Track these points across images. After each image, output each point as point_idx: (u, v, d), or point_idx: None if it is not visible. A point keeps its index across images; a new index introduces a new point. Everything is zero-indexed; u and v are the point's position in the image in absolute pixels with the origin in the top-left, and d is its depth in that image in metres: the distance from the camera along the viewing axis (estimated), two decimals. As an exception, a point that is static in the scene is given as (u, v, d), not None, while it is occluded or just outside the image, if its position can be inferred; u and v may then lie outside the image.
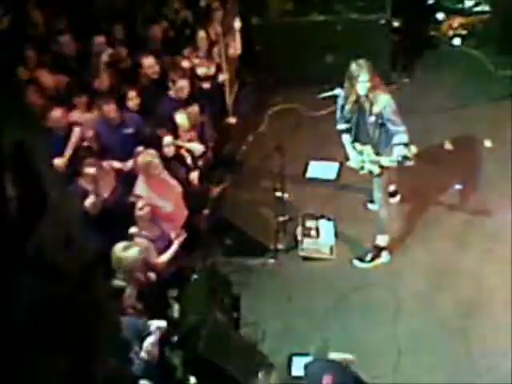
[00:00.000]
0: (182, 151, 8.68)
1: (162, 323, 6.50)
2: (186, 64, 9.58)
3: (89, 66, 9.29)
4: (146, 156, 7.90)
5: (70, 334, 2.27)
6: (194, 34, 10.18)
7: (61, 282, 2.17)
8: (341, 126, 7.91)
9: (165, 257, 7.50)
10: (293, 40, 11.13)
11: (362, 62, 7.45)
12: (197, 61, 9.83)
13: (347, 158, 7.96)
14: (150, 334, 6.30)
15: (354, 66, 7.45)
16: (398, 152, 7.34)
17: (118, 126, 8.41)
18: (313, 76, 10.60)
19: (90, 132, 8.24)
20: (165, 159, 8.13)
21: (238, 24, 10.57)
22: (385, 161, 7.50)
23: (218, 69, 10.13)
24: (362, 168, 7.79)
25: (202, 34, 10.02)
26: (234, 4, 11.24)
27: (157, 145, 8.21)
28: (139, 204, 7.41)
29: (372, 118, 7.48)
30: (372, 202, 8.37)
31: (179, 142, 8.61)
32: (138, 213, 7.38)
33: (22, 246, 2.05)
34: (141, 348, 6.17)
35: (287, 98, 10.79)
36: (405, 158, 7.27)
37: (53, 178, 2.29)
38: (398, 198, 8.69)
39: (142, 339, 6.29)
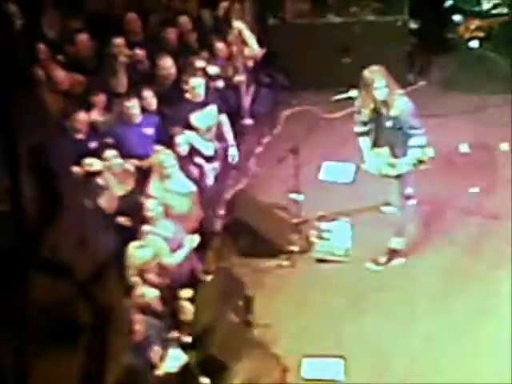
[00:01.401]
0: (197, 151, 8.68)
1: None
2: (200, 64, 9.57)
3: (106, 66, 9.30)
4: (160, 155, 7.92)
5: (84, 331, 2.29)
6: (211, 35, 10.21)
7: (75, 280, 2.19)
8: (359, 129, 7.89)
9: (177, 257, 7.49)
10: (309, 41, 11.11)
11: (375, 68, 7.44)
12: (212, 62, 9.83)
13: (363, 161, 7.94)
14: None
15: (367, 74, 7.44)
16: (414, 154, 7.32)
17: (137, 126, 8.44)
18: (329, 78, 10.59)
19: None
20: (178, 158, 8.12)
21: (240, 25, 10.48)
22: (400, 164, 7.48)
23: (235, 70, 10.13)
24: (379, 171, 7.78)
25: (220, 45, 10.08)
26: (251, 5, 11.23)
27: (172, 145, 8.23)
28: (149, 204, 7.41)
29: (390, 122, 7.47)
30: (388, 204, 8.34)
31: (193, 141, 8.61)
32: (148, 213, 7.39)
33: (38, 245, 2.07)
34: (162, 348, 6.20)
35: (303, 99, 10.76)
36: (420, 161, 7.26)
37: (69, 178, 2.32)
38: (414, 201, 8.66)
39: (163, 339, 6.32)
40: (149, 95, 8.68)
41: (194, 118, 8.77)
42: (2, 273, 1.80)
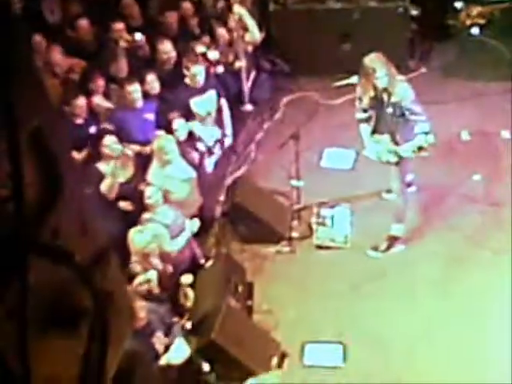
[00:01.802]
0: (196, 136, 8.66)
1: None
2: (200, 49, 9.54)
3: (106, 51, 9.27)
4: (161, 140, 7.90)
5: (85, 317, 2.28)
6: (212, 20, 10.17)
7: (75, 265, 2.17)
8: (359, 116, 7.88)
9: (178, 243, 7.49)
10: (310, 27, 11.08)
11: (374, 56, 7.43)
12: (213, 48, 9.79)
13: (364, 147, 7.94)
14: None
15: (367, 62, 7.43)
16: (419, 140, 7.32)
17: (138, 111, 8.41)
18: (329, 64, 10.57)
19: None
20: (177, 143, 8.11)
21: (241, 10, 10.43)
22: (401, 151, 7.48)
23: (236, 56, 10.11)
24: (380, 157, 7.77)
25: (220, 30, 10.04)
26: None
27: (170, 130, 8.22)
28: (147, 192, 7.40)
29: (390, 109, 7.46)
30: (388, 191, 8.34)
31: (192, 126, 8.60)
32: (147, 201, 7.38)
33: (38, 230, 2.06)
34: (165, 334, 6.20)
35: (303, 85, 10.75)
36: (420, 148, 7.25)
37: (69, 162, 2.30)
38: (414, 187, 8.67)
39: (165, 326, 6.32)
40: (152, 79, 8.63)
41: (194, 103, 8.75)
42: (1, 258, 1.81)
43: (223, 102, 9.25)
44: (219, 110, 9.22)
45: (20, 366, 1.89)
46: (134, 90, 8.32)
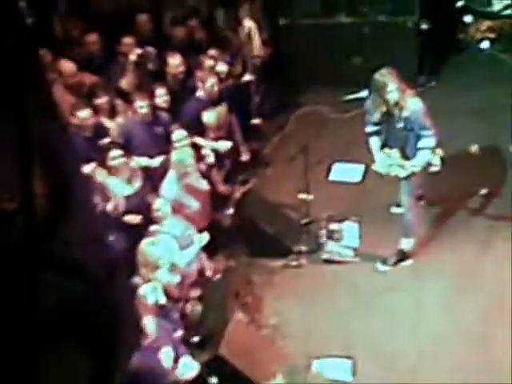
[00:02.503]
0: (204, 150, 8.66)
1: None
2: (209, 63, 9.57)
3: (115, 65, 9.30)
4: (181, 153, 7.90)
5: (93, 331, 2.28)
6: (222, 34, 10.20)
7: (85, 279, 2.18)
8: (369, 129, 7.87)
9: (187, 255, 7.48)
10: (319, 41, 11.13)
11: (385, 71, 7.43)
12: (221, 60, 9.81)
13: (373, 161, 7.93)
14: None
15: (378, 77, 7.43)
16: (423, 156, 7.32)
17: (149, 125, 8.42)
18: (339, 78, 10.60)
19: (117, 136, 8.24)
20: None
21: (250, 24, 10.48)
22: (409, 165, 7.47)
23: (245, 69, 10.14)
24: (389, 172, 7.76)
25: (233, 37, 10.07)
26: (261, 4, 11.23)
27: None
28: (156, 204, 7.41)
29: (401, 123, 7.46)
30: (399, 205, 8.33)
31: (198, 140, 8.61)
32: (155, 213, 7.39)
33: (49, 243, 2.06)
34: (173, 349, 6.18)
35: (313, 99, 10.77)
36: (429, 164, 7.25)
37: (79, 175, 2.31)
38: (423, 201, 8.65)
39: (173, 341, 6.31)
40: (162, 93, 8.64)
41: (206, 116, 8.76)
42: (12, 271, 1.81)
43: (233, 115, 9.26)
44: (230, 124, 9.24)
45: (31, 376, 1.90)
46: (143, 105, 8.33)
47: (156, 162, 8.24)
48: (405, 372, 6.85)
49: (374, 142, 7.85)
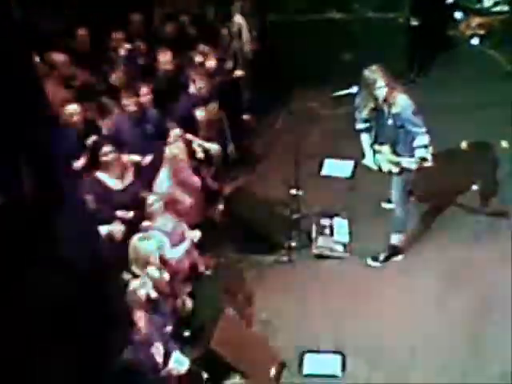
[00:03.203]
0: (195, 146, 8.65)
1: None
2: (199, 59, 9.56)
3: (105, 60, 9.29)
4: (174, 149, 7.89)
5: (82, 328, 2.28)
6: (213, 30, 10.18)
7: (73, 276, 2.18)
8: (359, 126, 7.90)
9: (178, 251, 7.47)
10: (309, 37, 11.12)
11: (374, 68, 7.46)
12: (211, 56, 9.79)
13: (363, 156, 7.94)
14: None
15: (368, 74, 7.46)
16: (419, 154, 7.34)
17: (138, 121, 8.41)
18: (329, 74, 10.59)
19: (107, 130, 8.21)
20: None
21: (239, 20, 10.47)
22: (403, 161, 7.49)
23: (235, 65, 10.13)
24: (381, 167, 7.78)
25: (222, 30, 10.04)
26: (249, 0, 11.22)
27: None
28: (149, 200, 7.40)
29: (391, 120, 7.48)
30: (389, 201, 8.34)
31: (189, 137, 8.61)
32: (149, 209, 7.37)
33: (37, 239, 2.06)
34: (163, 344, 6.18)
35: (303, 95, 10.76)
36: (423, 159, 7.26)
37: (68, 171, 2.31)
38: (413, 197, 8.67)
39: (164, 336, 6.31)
40: (145, 91, 8.62)
41: (196, 112, 8.76)
42: (1, 268, 1.80)
43: (223, 111, 9.26)
44: (220, 120, 9.23)
45: (22, 372, 1.90)
46: (131, 102, 8.31)
47: (147, 158, 8.23)
48: (395, 367, 6.87)
49: (365, 138, 7.88)
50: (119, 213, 7.41)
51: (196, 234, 7.64)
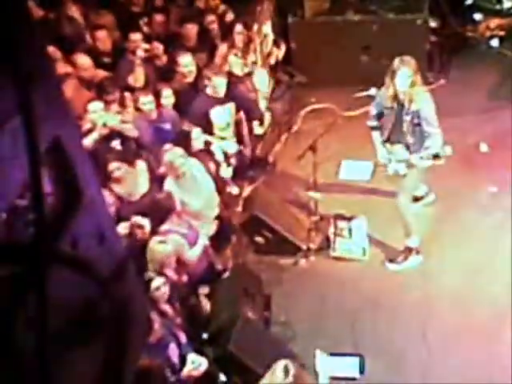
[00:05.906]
0: (213, 147, 8.66)
1: None
2: (219, 60, 9.56)
3: (124, 61, 9.28)
4: (170, 155, 7.78)
5: (102, 330, 2.28)
6: (231, 29, 10.16)
7: (93, 277, 2.18)
8: (371, 123, 7.91)
9: (196, 250, 7.44)
10: (328, 39, 11.10)
11: (407, 58, 7.44)
12: (232, 57, 9.78)
13: (376, 155, 7.96)
14: None
15: (397, 61, 7.44)
16: (429, 153, 7.32)
17: (155, 121, 8.41)
18: (348, 76, 10.58)
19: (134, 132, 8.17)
20: (193, 153, 8.11)
21: (268, 30, 10.49)
22: (415, 159, 7.47)
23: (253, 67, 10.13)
24: (394, 168, 7.77)
25: (239, 28, 10.00)
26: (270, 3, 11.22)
27: (187, 140, 8.21)
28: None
29: (409, 117, 7.45)
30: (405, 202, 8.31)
31: (209, 137, 8.61)
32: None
33: (56, 241, 2.06)
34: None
35: (322, 97, 10.72)
36: (435, 156, 7.24)
37: (88, 172, 2.31)
38: (430, 198, 8.65)
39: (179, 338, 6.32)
40: (168, 94, 8.62)
41: (214, 113, 8.76)
42: (21, 269, 1.81)
43: (241, 113, 9.26)
44: (238, 122, 9.23)
45: (40, 377, 1.89)
46: (149, 100, 8.31)
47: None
48: (413, 371, 6.85)
49: (376, 136, 7.89)
50: (136, 218, 7.40)
51: (211, 228, 7.65)
